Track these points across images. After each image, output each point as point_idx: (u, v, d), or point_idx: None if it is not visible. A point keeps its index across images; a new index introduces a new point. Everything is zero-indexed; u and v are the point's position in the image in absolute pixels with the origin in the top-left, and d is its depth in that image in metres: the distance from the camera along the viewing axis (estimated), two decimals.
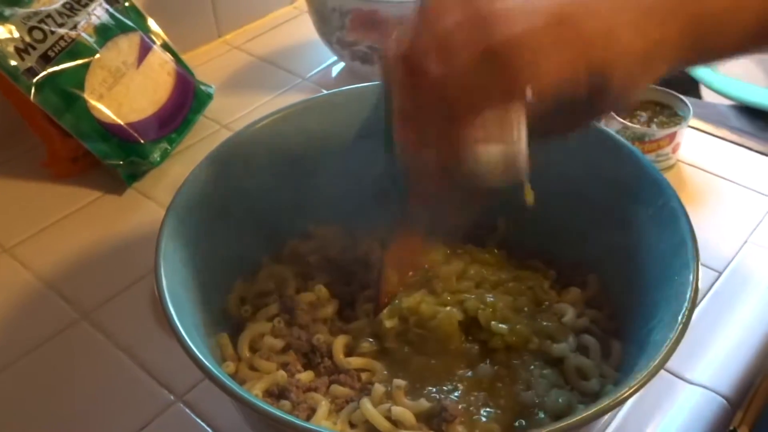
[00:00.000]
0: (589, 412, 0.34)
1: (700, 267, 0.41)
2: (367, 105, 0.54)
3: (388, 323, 0.47)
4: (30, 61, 0.65)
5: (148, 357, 0.55)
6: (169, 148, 0.72)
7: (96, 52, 0.68)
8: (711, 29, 0.40)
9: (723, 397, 0.52)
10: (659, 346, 0.37)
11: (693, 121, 0.76)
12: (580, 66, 0.33)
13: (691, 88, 0.87)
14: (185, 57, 0.79)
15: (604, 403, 0.35)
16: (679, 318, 0.38)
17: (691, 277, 0.39)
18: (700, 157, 0.72)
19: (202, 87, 0.78)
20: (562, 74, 0.33)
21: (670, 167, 0.69)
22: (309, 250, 0.54)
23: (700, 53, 0.41)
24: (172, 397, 0.52)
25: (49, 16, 0.67)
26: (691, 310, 0.38)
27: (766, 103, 0.76)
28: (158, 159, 0.71)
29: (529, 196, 0.38)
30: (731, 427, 0.54)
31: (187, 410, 0.51)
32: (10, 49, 0.64)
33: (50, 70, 0.66)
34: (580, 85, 0.33)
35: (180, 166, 0.72)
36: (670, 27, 0.36)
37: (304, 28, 0.88)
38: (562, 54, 0.32)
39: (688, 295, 0.38)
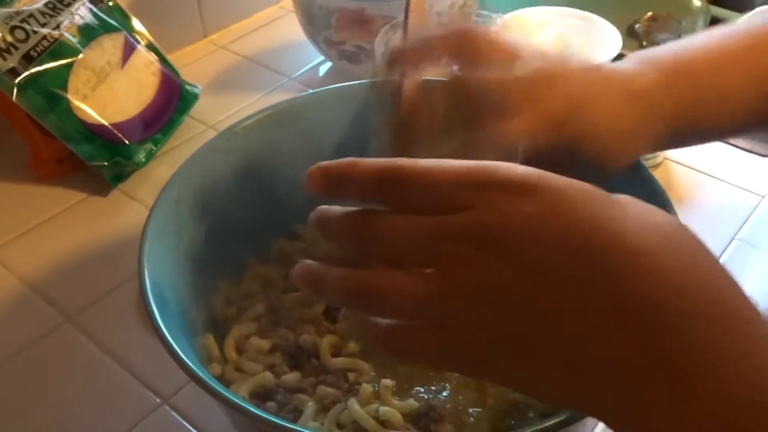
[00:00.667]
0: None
1: None
2: (354, 103, 0.54)
3: None
4: (12, 62, 0.64)
5: (133, 360, 0.54)
6: (154, 149, 0.72)
7: (79, 52, 0.68)
8: (697, 118, 0.41)
9: None
10: None
11: None
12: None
13: None
14: (171, 57, 0.78)
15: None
16: None
17: None
18: (687, 155, 0.72)
19: (188, 87, 0.77)
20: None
21: (657, 165, 0.69)
22: (295, 250, 0.54)
23: (689, 138, 0.43)
24: (158, 400, 0.52)
25: (31, 15, 0.66)
26: None
27: None
28: (143, 160, 0.70)
29: None
30: None
31: (174, 413, 0.51)
32: None
33: (33, 70, 0.65)
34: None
35: (166, 167, 0.71)
36: (655, 113, 0.41)
37: (291, 28, 0.87)
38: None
39: None
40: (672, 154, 0.71)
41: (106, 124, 0.68)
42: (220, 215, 0.50)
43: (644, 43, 0.97)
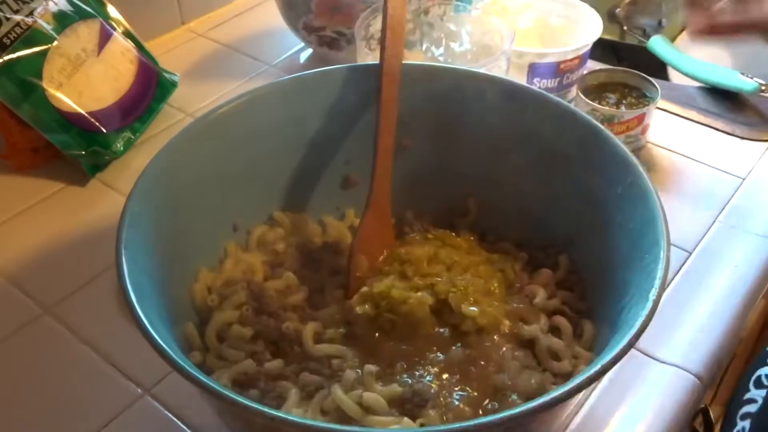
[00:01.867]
0: (561, 392, 0.34)
1: (671, 247, 0.41)
2: (334, 88, 0.53)
3: (359, 309, 0.46)
4: None
5: (113, 350, 0.53)
6: (132, 137, 0.71)
7: (54, 39, 0.66)
8: None
9: (694, 375, 0.52)
10: (631, 324, 0.37)
11: (661, 103, 0.77)
12: None
13: (659, 70, 0.87)
14: (148, 45, 0.77)
15: (576, 382, 0.35)
16: (650, 295, 0.37)
17: (661, 254, 0.39)
18: (669, 139, 0.72)
19: (166, 75, 0.76)
20: None
21: (640, 149, 0.70)
22: (277, 237, 0.53)
23: None
24: (139, 391, 0.51)
25: (3, 2, 0.65)
26: (662, 287, 0.38)
27: (732, 84, 0.77)
28: (121, 149, 0.69)
29: None
30: (702, 405, 0.55)
31: (156, 403, 0.50)
32: None
33: (6, 58, 0.64)
34: None
35: (144, 156, 0.69)
36: None
37: (270, 15, 0.86)
38: None
39: (658, 273, 0.38)
40: (654, 137, 0.71)
41: (83, 112, 0.67)
42: (198, 203, 0.49)
43: (625, 27, 0.97)
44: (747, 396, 0.46)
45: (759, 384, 0.46)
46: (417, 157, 0.55)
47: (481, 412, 0.42)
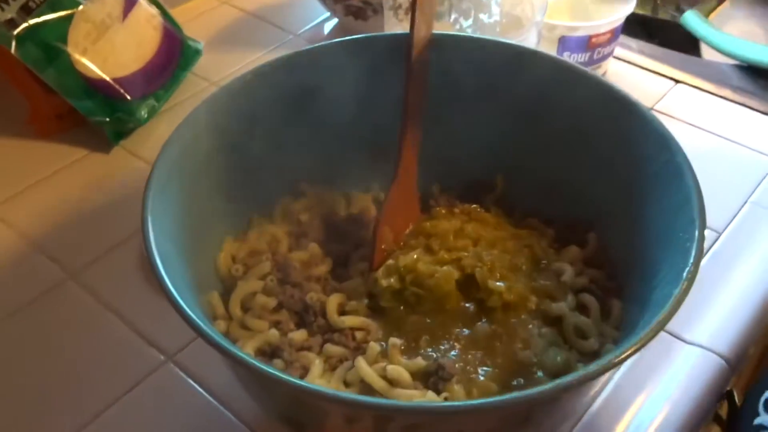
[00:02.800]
0: (589, 371, 0.34)
1: None
2: (362, 58, 0.52)
3: (384, 282, 0.46)
4: (10, 12, 0.63)
5: (137, 317, 0.54)
6: (156, 105, 0.70)
7: (79, 4, 0.66)
8: None
9: (722, 357, 0.51)
10: (663, 303, 0.36)
11: (694, 80, 0.75)
12: None
13: (692, 47, 0.85)
14: (173, 12, 0.76)
15: (605, 361, 0.34)
16: (684, 274, 0.37)
17: (696, 233, 0.38)
18: (702, 117, 0.71)
19: (190, 43, 0.76)
20: None
21: None
22: (301, 208, 0.53)
23: None
24: (162, 358, 0.51)
25: None
26: (696, 266, 0.37)
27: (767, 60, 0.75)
28: (145, 116, 0.69)
29: None
30: (728, 388, 0.54)
31: (178, 370, 0.50)
32: None
33: (31, 22, 0.63)
34: None
35: (168, 124, 0.70)
36: None
37: None
38: None
39: (693, 251, 0.37)
40: (685, 115, 0.70)
41: (107, 78, 0.67)
42: (223, 172, 0.49)
43: (658, 2, 0.95)
44: (757, 421, 0.45)
45: None
46: (444, 130, 0.54)
47: (506, 389, 0.41)
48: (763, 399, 0.44)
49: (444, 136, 0.54)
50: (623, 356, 0.34)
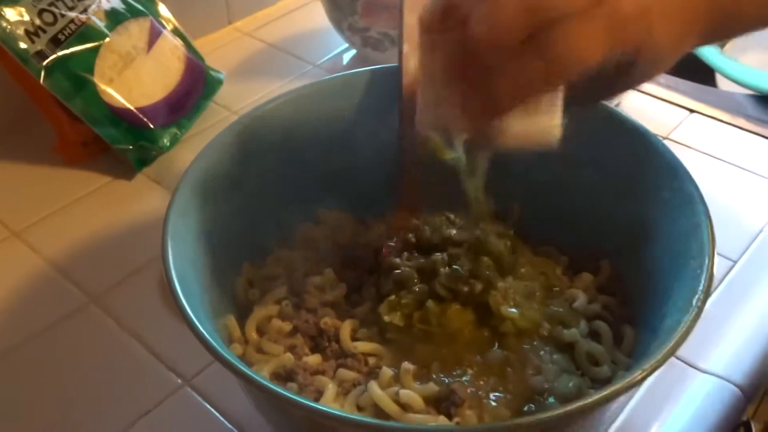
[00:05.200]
0: (600, 396, 0.34)
1: (716, 257, 0.40)
2: (379, 88, 0.54)
3: (387, 318, 0.46)
4: (40, 45, 0.65)
5: (156, 341, 0.55)
6: (179, 133, 0.72)
7: (106, 36, 0.68)
8: (731, 11, 0.40)
9: (736, 386, 0.51)
10: (673, 331, 0.37)
11: (709, 110, 0.75)
12: (616, 46, 0.33)
13: (707, 77, 0.86)
14: (196, 43, 0.79)
15: (615, 386, 0.34)
16: (694, 301, 0.37)
17: (706, 261, 0.39)
18: (716, 147, 0.71)
19: (213, 73, 0.78)
20: (598, 54, 0.33)
21: None
22: (319, 235, 0.54)
23: (719, 34, 0.42)
24: (179, 381, 0.52)
25: None
26: (706, 293, 0.37)
27: None
28: (168, 144, 0.71)
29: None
30: (744, 418, 0.54)
31: (195, 394, 0.51)
32: (20, 32, 0.64)
33: (60, 53, 0.66)
34: (612, 63, 0.34)
35: (190, 152, 0.70)
36: (698, 10, 0.37)
37: (316, 15, 0.87)
38: (600, 34, 0.32)
39: (703, 278, 0.38)
40: (700, 145, 0.70)
41: (132, 107, 0.69)
42: (243, 199, 0.50)
43: None
44: None
45: None
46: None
47: (518, 414, 0.42)
48: None
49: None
50: (633, 382, 0.34)
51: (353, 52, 0.85)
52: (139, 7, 0.72)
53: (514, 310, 0.45)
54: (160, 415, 0.50)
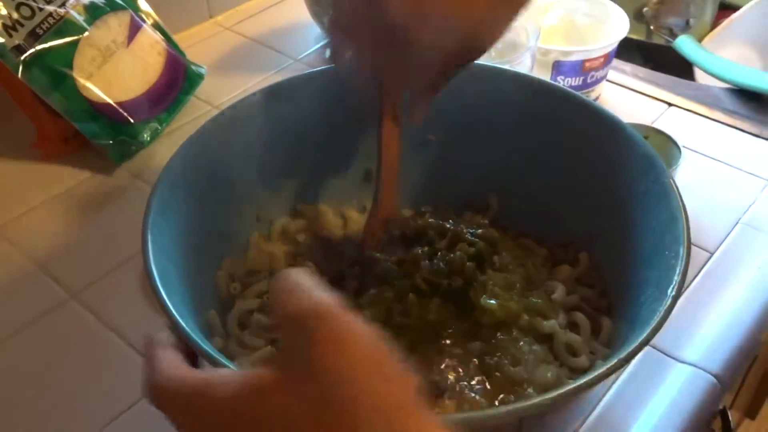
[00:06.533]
0: (577, 384, 0.34)
1: (692, 247, 0.41)
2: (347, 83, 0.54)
3: (368, 311, 0.45)
4: (18, 39, 0.64)
5: (137, 336, 0.55)
6: (159, 128, 0.72)
7: (85, 30, 0.68)
8: None
9: (713, 375, 0.52)
10: (648, 321, 0.37)
11: (687, 104, 0.76)
12: None
13: (685, 70, 0.87)
14: (176, 37, 0.78)
15: (592, 375, 0.35)
16: (668, 291, 0.38)
17: (681, 251, 0.39)
18: (694, 139, 0.72)
19: (193, 67, 0.77)
20: None
21: None
22: (298, 228, 0.54)
23: None
24: None
25: None
26: (681, 283, 0.38)
27: (760, 85, 0.76)
28: (148, 139, 0.71)
29: None
30: (721, 406, 0.55)
31: None
32: None
33: (38, 47, 0.65)
34: None
35: (170, 147, 0.70)
36: None
37: (297, 9, 0.87)
38: None
39: (678, 269, 0.38)
40: (679, 137, 0.71)
41: (111, 102, 0.68)
42: (223, 193, 0.50)
43: (651, 27, 0.97)
44: None
45: None
46: (438, 152, 0.55)
47: (497, 404, 0.42)
48: None
49: (437, 158, 0.55)
50: (608, 371, 0.35)
51: None
52: (119, 1, 0.71)
53: (493, 301, 0.46)
54: (142, 409, 0.50)
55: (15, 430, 0.49)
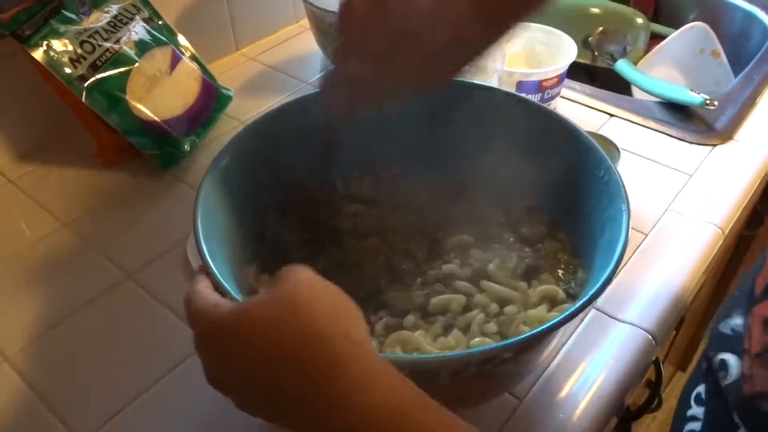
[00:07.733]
0: (531, 334, 0.36)
1: (631, 229, 0.41)
2: None
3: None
4: (81, 69, 0.65)
5: (180, 308, 0.55)
6: (197, 140, 0.73)
7: (135, 61, 0.68)
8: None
9: (647, 331, 0.53)
10: (592, 288, 0.38)
11: (626, 114, 0.77)
12: None
13: (624, 88, 0.88)
14: (209, 66, 0.79)
15: (540, 329, 0.36)
16: (614, 255, 0.39)
17: (624, 217, 0.41)
18: (631, 143, 0.73)
19: (223, 90, 0.78)
20: None
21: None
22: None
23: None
24: None
25: (96, 32, 0.67)
26: (625, 242, 0.39)
27: (683, 98, 0.77)
28: (188, 149, 0.71)
29: None
30: (653, 358, 0.56)
31: None
32: (65, 59, 0.65)
33: (98, 76, 0.66)
34: None
35: (206, 155, 0.72)
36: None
37: (307, 42, 0.88)
38: None
39: (623, 230, 0.40)
40: (620, 142, 0.72)
41: (158, 120, 0.69)
42: (251, 191, 0.50)
43: (596, 53, 0.98)
44: (689, 413, 0.45)
45: (699, 401, 0.44)
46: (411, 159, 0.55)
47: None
48: (694, 394, 0.45)
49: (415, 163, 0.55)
50: (555, 325, 0.36)
51: None
52: (162, 37, 0.72)
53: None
54: (190, 365, 0.51)
55: (83, 387, 0.50)
